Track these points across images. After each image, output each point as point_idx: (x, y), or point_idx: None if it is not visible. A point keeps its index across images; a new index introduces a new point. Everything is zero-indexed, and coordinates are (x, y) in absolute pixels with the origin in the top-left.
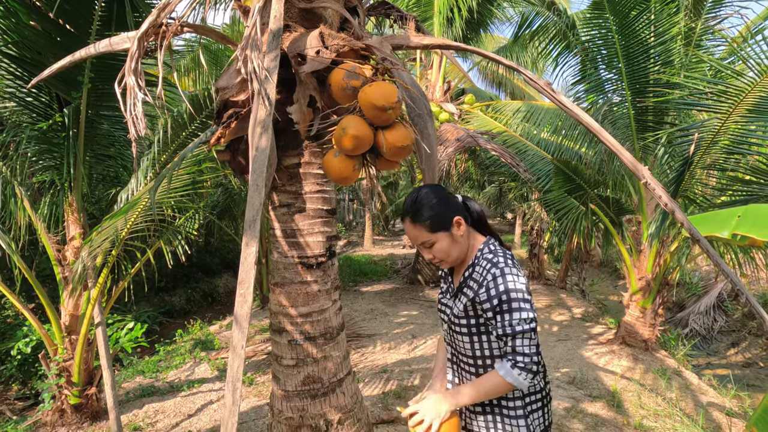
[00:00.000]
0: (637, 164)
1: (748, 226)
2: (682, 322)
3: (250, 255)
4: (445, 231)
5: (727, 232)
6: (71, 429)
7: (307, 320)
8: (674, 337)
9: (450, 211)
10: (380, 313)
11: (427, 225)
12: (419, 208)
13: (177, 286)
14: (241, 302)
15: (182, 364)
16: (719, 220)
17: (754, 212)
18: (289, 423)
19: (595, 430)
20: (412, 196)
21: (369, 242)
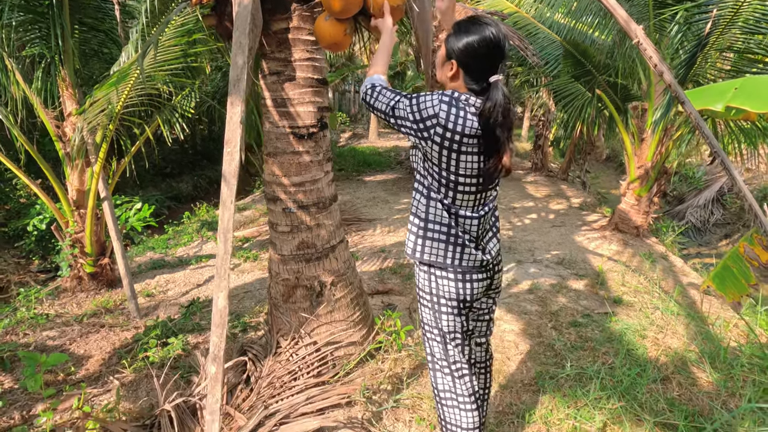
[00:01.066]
0: (631, 22)
1: (743, 98)
2: (679, 214)
3: (235, 114)
4: (448, 58)
5: (721, 105)
6: (90, 294)
7: (299, 189)
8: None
9: (456, 52)
10: (381, 201)
11: (446, 39)
12: (458, 26)
13: (183, 173)
14: (228, 160)
15: (190, 242)
16: (715, 92)
17: (751, 84)
18: (286, 284)
19: (576, 302)
20: (473, 18)
21: (374, 135)
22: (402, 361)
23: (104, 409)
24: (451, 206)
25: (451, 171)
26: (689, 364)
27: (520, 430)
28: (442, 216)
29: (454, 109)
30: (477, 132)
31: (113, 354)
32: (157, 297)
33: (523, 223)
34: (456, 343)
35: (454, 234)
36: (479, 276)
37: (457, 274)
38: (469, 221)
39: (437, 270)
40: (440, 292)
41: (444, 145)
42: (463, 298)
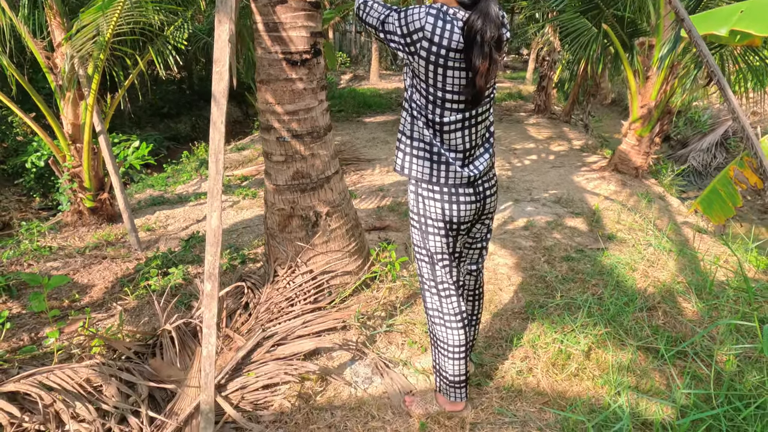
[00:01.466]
0: None
1: (749, 21)
2: (681, 158)
3: (223, 33)
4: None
5: (725, 30)
6: (91, 229)
7: (293, 118)
8: (666, 166)
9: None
10: (381, 141)
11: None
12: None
13: (181, 113)
14: (217, 80)
15: (189, 180)
16: (720, 16)
17: (758, 7)
18: (282, 214)
19: (571, 239)
20: None
21: (375, 76)
22: (396, 290)
23: (108, 331)
24: (437, 124)
25: (438, 87)
26: (676, 294)
27: (507, 353)
28: (425, 134)
29: (440, 22)
30: (463, 47)
31: (116, 283)
32: (157, 231)
33: (523, 164)
34: (443, 264)
35: (437, 152)
36: (467, 197)
37: (443, 195)
38: (454, 137)
39: (424, 188)
40: (427, 213)
41: (430, 59)
42: (449, 219)
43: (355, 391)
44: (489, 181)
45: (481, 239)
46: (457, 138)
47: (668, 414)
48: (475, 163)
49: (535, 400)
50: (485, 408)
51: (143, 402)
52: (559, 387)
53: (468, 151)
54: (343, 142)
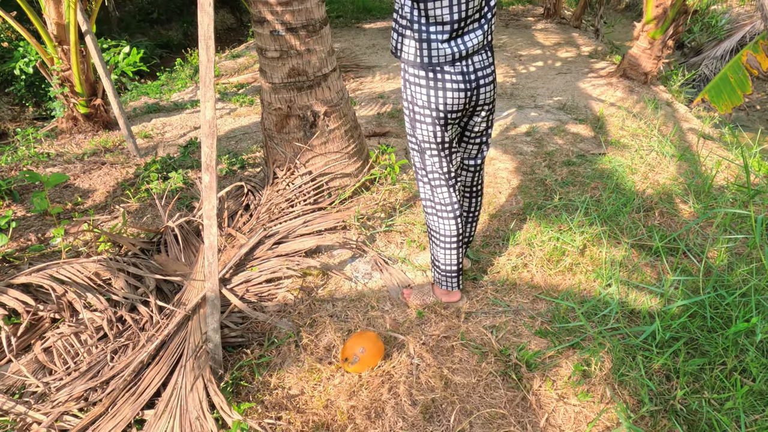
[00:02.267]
0: None
1: None
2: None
3: None
4: None
5: None
6: (87, 135)
7: (287, 9)
8: (676, 71)
9: None
10: (381, 48)
11: None
12: None
13: (172, 20)
14: None
15: (184, 87)
16: None
17: None
18: (279, 113)
19: (573, 144)
20: None
21: None
22: (395, 193)
23: (112, 230)
24: (420, 2)
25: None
26: (674, 196)
27: (504, 250)
28: (407, 11)
29: None
30: None
31: (117, 187)
32: (155, 138)
33: (528, 71)
34: (431, 154)
35: (418, 29)
36: (454, 84)
37: (428, 80)
38: (439, 5)
39: (411, 73)
40: (414, 99)
41: None
42: (435, 106)
43: (355, 285)
44: (484, 68)
45: (480, 134)
46: (443, 8)
47: (656, 303)
48: (463, 38)
49: (528, 292)
50: (480, 299)
51: (151, 293)
52: (552, 281)
53: (455, 23)
54: (342, 48)
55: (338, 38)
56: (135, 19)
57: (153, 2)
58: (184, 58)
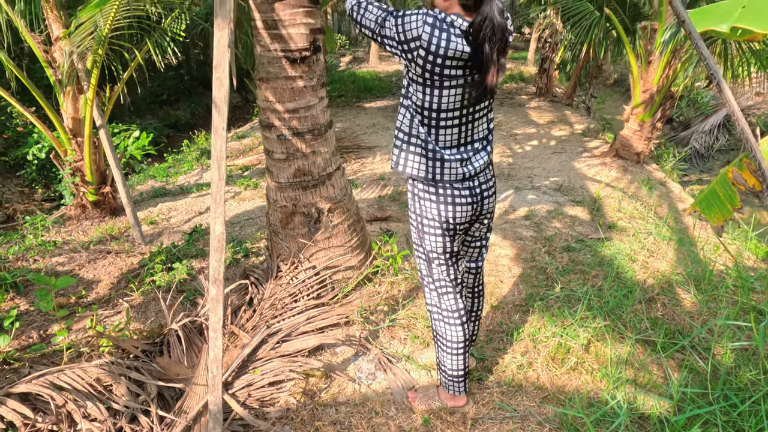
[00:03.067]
0: None
1: (750, 18)
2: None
3: (223, 38)
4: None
5: (726, 26)
6: (94, 222)
7: (294, 116)
8: (668, 151)
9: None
10: (381, 128)
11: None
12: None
13: (180, 100)
14: (217, 86)
15: (190, 170)
16: (721, 12)
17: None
18: (284, 211)
19: (571, 228)
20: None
21: (375, 58)
22: (398, 284)
23: (115, 329)
24: (434, 120)
25: (435, 91)
26: (675, 285)
27: (508, 347)
28: (420, 131)
29: (437, 30)
30: (461, 54)
31: (121, 278)
32: (160, 224)
33: (524, 150)
34: (439, 263)
35: (432, 149)
36: (463, 199)
37: (439, 195)
38: (450, 132)
39: (420, 188)
40: (423, 212)
41: (427, 67)
42: (445, 219)
43: (359, 387)
44: (487, 182)
45: (480, 238)
46: (453, 134)
47: (665, 408)
48: (472, 159)
49: (535, 394)
50: (486, 403)
51: (153, 401)
52: (558, 381)
53: (464, 146)
54: (343, 128)
55: (340, 118)
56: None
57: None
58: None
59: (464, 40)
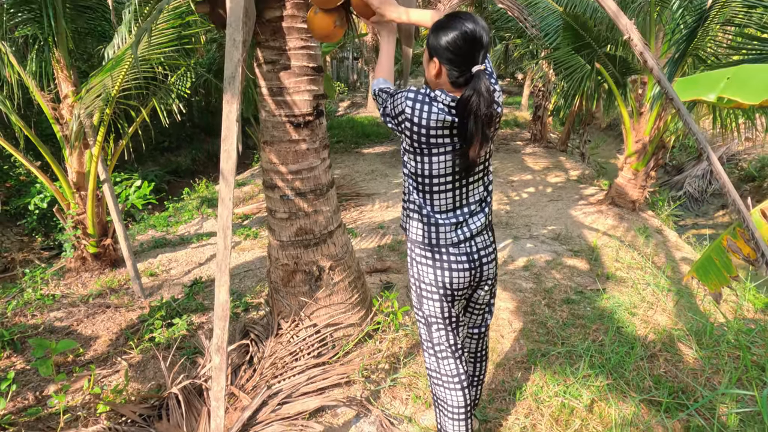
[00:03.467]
0: (620, 15)
1: (735, 88)
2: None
3: (231, 112)
4: (430, 57)
5: (713, 96)
6: (94, 274)
7: (297, 177)
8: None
9: (435, 49)
10: (380, 174)
11: (427, 38)
12: (436, 26)
13: (181, 147)
14: (225, 158)
15: (191, 219)
16: (708, 82)
17: (744, 73)
18: (286, 269)
19: (570, 279)
20: (452, 14)
21: (373, 104)
22: (399, 341)
23: (114, 390)
24: (427, 186)
25: (425, 161)
26: (676, 341)
27: (511, 407)
28: (416, 197)
29: (418, 104)
30: (443, 123)
31: (120, 335)
32: (160, 276)
33: (521, 197)
34: (438, 328)
35: (427, 214)
36: (460, 264)
37: (435, 261)
38: (444, 197)
39: (417, 252)
40: (421, 277)
41: (414, 138)
42: (442, 285)
43: None
44: (486, 247)
45: (483, 304)
46: (447, 198)
47: None
48: (468, 222)
49: None
50: None
51: None
52: None
53: (459, 209)
54: (342, 175)
55: (338, 164)
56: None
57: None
58: (191, 185)
59: (448, 111)
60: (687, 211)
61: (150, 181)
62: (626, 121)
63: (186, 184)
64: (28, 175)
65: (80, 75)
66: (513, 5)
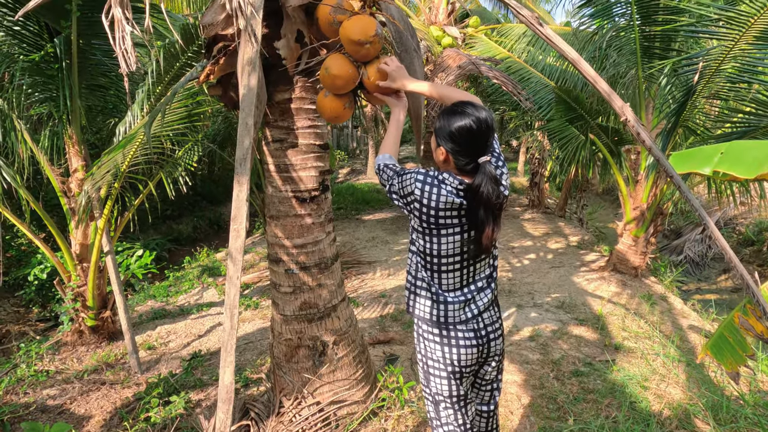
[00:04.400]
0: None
1: (729, 163)
2: (677, 249)
3: (242, 192)
4: (437, 144)
5: (708, 169)
6: (90, 348)
7: (302, 251)
8: (664, 264)
9: (442, 138)
10: (381, 241)
11: (434, 126)
12: (443, 114)
13: (183, 215)
14: (234, 237)
15: (191, 289)
16: (702, 156)
17: (737, 149)
18: (289, 344)
19: (578, 350)
20: (460, 104)
21: (372, 170)
22: (405, 419)
23: None
24: (435, 265)
25: (434, 240)
26: (693, 416)
27: None
28: (424, 274)
29: (427, 186)
30: (452, 205)
31: (114, 414)
32: (158, 350)
33: (522, 264)
34: (446, 406)
35: (435, 291)
36: (467, 341)
37: (443, 337)
38: (452, 276)
39: (425, 329)
40: (428, 353)
41: (423, 218)
42: (450, 362)
43: None
44: (493, 323)
45: (491, 381)
46: (455, 277)
47: None
48: (476, 298)
49: None
50: None
51: None
52: None
53: (467, 286)
54: (343, 242)
55: (339, 231)
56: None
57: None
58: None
59: (456, 194)
60: (689, 275)
61: (151, 250)
62: (623, 189)
63: (187, 252)
64: (29, 245)
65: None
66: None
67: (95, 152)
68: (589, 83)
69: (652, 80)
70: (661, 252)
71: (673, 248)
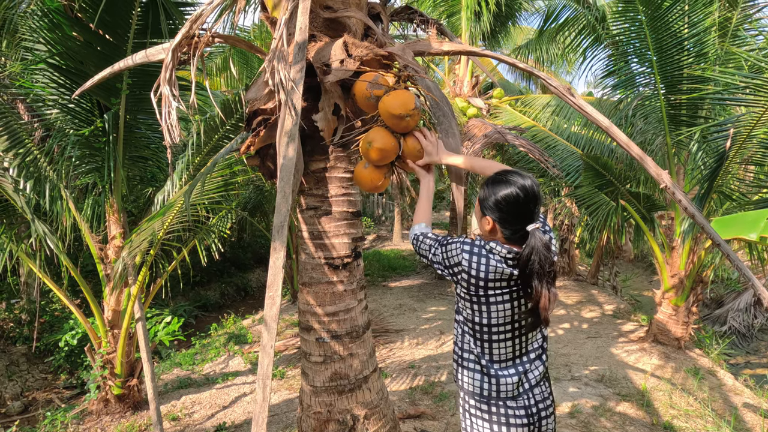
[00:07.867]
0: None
1: None
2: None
3: (278, 259)
4: (482, 213)
5: (755, 235)
6: (115, 418)
7: (333, 319)
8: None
9: (488, 208)
10: (408, 309)
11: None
12: (487, 184)
13: (211, 281)
14: (270, 304)
15: (217, 357)
16: (747, 221)
17: None
18: (318, 417)
19: (623, 429)
20: (504, 172)
21: (398, 237)
22: None
23: None
24: (485, 334)
25: (483, 312)
26: None
27: None
28: (473, 347)
29: (475, 257)
30: (502, 275)
31: None
32: (182, 421)
33: (557, 334)
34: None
35: (485, 365)
36: (518, 419)
37: (492, 414)
38: (504, 346)
39: (472, 405)
40: (474, 431)
41: (471, 290)
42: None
43: None
44: (545, 399)
45: None
46: (507, 347)
47: None
48: (527, 371)
49: None
50: None
51: None
52: None
53: (518, 358)
54: (370, 310)
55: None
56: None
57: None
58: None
59: (505, 263)
60: (736, 348)
61: (179, 317)
62: (658, 256)
63: (214, 318)
64: (62, 311)
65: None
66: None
67: (131, 220)
68: (623, 149)
69: (681, 146)
70: (703, 322)
71: (716, 318)
